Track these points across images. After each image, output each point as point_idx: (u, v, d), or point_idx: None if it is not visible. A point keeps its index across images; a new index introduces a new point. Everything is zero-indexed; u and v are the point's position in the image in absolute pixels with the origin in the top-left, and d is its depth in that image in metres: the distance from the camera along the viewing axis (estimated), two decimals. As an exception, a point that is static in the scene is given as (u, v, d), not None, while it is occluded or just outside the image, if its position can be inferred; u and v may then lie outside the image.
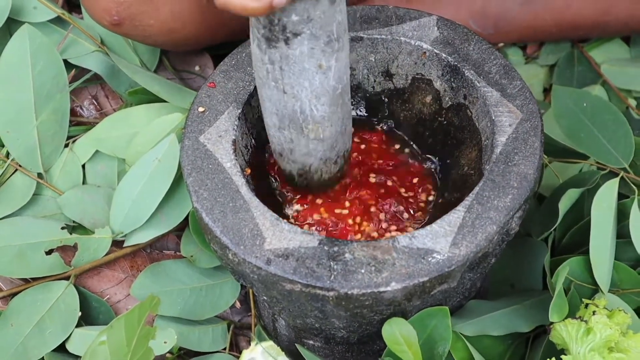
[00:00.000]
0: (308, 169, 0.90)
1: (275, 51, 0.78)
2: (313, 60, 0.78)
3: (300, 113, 0.83)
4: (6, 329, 0.99)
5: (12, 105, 1.08)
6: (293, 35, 0.76)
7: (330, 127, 0.85)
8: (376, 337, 0.85)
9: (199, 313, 1.02)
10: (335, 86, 0.82)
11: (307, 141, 0.86)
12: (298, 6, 0.73)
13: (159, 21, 0.99)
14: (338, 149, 0.89)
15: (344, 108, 0.85)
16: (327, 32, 0.77)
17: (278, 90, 0.82)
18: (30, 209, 1.07)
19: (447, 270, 0.78)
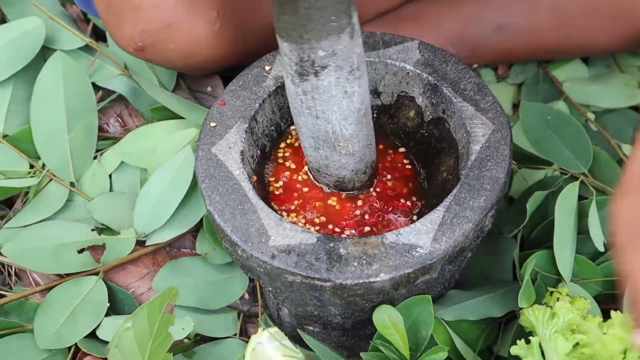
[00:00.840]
0: (342, 179, 0.91)
1: (307, 83, 0.80)
2: (339, 88, 0.80)
3: (332, 133, 0.85)
4: (44, 318, 0.99)
5: (46, 122, 1.09)
6: (321, 69, 0.78)
7: (357, 142, 0.86)
8: (368, 323, 0.85)
9: (212, 303, 1.02)
10: (360, 107, 0.83)
11: (339, 157, 0.88)
12: (324, 43, 0.75)
13: (177, 47, 1.00)
14: (366, 160, 0.89)
15: (367, 125, 0.86)
16: (349, 63, 0.78)
17: (312, 116, 0.84)
18: (64, 214, 1.07)
19: (429, 263, 0.79)
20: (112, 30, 1.01)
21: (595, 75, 1.17)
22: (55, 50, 1.11)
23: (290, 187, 0.94)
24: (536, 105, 1.06)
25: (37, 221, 1.06)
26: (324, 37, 0.75)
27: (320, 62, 0.78)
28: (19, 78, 1.13)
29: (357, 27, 0.78)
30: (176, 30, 0.98)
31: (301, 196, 0.94)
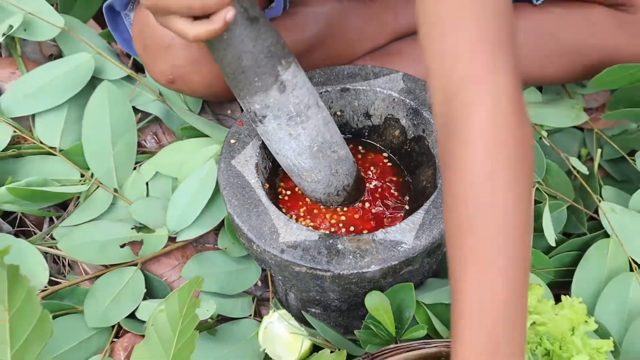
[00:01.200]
0: (320, 200, 0.91)
1: (260, 128, 0.83)
2: (283, 132, 0.82)
3: (293, 166, 0.86)
4: (92, 301, 0.99)
5: (95, 139, 1.08)
6: (262, 117, 0.81)
7: (320, 172, 0.87)
8: (361, 306, 0.85)
9: (231, 289, 1.02)
10: (310, 145, 0.84)
11: (307, 184, 0.89)
12: (256, 99, 0.79)
13: (201, 78, 0.99)
14: (335, 186, 0.89)
15: (327, 159, 0.86)
16: (285, 112, 0.80)
17: (274, 152, 0.86)
18: (108, 215, 1.07)
19: (412, 257, 0.79)
20: (148, 66, 1.01)
21: (548, 100, 1.17)
22: (102, 80, 1.12)
23: (296, 192, 0.94)
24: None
25: (86, 221, 1.06)
26: (253, 93, 0.79)
27: (259, 113, 0.81)
28: (72, 103, 1.13)
29: (289, 83, 0.79)
30: (200, 65, 0.97)
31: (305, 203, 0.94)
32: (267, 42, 0.77)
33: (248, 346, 0.98)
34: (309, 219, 0.92)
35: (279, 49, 0.78)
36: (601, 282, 0.98)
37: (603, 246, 1.00)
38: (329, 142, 0.86)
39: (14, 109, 1.12)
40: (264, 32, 0.76)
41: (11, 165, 1.10)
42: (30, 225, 1.11)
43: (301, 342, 0.92)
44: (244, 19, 0.74)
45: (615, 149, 1.10)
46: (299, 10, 1.05)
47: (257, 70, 0.77)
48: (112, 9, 1.07)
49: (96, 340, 0.99)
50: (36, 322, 0.84)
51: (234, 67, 0.77)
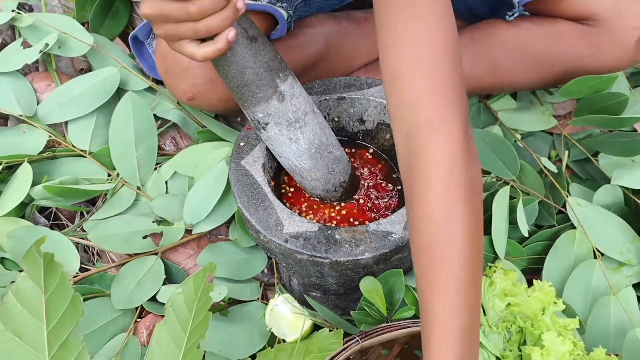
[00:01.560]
0: (319, 196, 0.91)
1: (264, 134, 0.83)
2: (284, 137, 0.83)
3: (294, 167, 0.86)
4: (118, 286, 0.99)
5: (121, 143, 1.09)
6: (265, 125, 0.81)
7: (318, 171, 0.87)
8: (356, 289, 0.85)
9: (241, 275, 1.01)
10: (309, 148, 0.84)
11: (308, 182, 0.89)
12: (258, 108, 0.79)
13: (218, 95, 0.99)
14: (332, 183, 0.89)
15: (324, 159, 0.86)
16: (285, 119, 0.81)
17: (277, 155, 0.86)
18: (132, 210, 1.07)
19: (401, 245, 0.79)
20: (170, 86, 1.02)
21: (521, 107, 1.17)
22: (127, 91, 1.12)
23: (298, 189, 0.94)
24: (478, 130, 1.06)
25: (112, 215, 1.06)
26: (255, 104, 0.79)
27: (262, 121, 0.81)
28: (101, 111, 1.13)
29: (287, 93, 0.80)
30: (216, 83, 0.97)
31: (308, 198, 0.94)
32: (266, 58, 0.77)
33: (256, 326, 0.97)
34: (310, 213, 0.92)
35: (277, 63, 0.79)
36: (568, 268, 0.98)
37: (570, 236, 1.00)
38: (325, 144, 0.86)
39: (50, 116, 1.12)
40: (262, 49, 0.77)
41: (47, 166, 1.10)
42: (64, 218, 1.11)
43: (303, 322, 0.92)
44: (244, 38, 0.75)
45: (581, 151, 1.10)
46: (302, 31, 1.06)
47: (258, 83, 0.78)
48: (136, 39, 1.08)
49: (121, 320, 0.99)
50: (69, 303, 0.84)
51: (238, 81, 0.77)
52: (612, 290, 0.97)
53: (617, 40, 1.00)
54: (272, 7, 0.95)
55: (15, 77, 1.15)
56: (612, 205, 1.04)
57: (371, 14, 1.14)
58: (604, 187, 1.05)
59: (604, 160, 1.08)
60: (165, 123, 1.15)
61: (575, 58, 1.03)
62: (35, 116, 1.12)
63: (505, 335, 0.82)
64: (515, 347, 0.82)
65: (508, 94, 1.18)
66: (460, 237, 0.64)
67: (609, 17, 0.99)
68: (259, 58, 0.77)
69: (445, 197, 0.64)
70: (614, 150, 1.06)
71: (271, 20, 0.97)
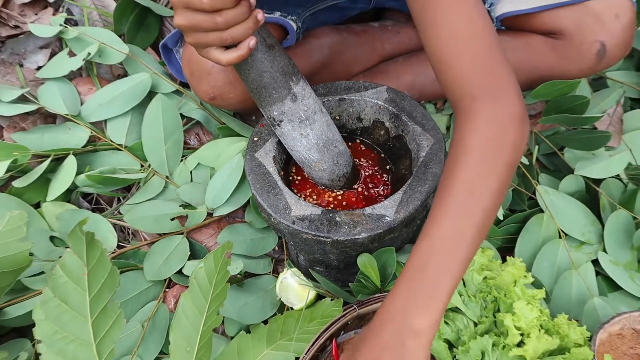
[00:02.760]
0: (325, 185, 0.91)
1: (278, 130, 0.83)
2: (296, 132, 0.82)
3: (304, 159, 0.86)
4: (150, 261, 1.00)
5: (152, 138, 1.09)
6: (280, 122, 0.81)
7: (325, 163, 0.86)
8: (354, 264, 0.85)
9: (255, 252, 1.01)
10: (317, 142, 0.84)
11: (315, 173, 0.88)
12: (274, 107, 0.79)
13: (237, 96, 0.99)
14: (337, 173, 0.89)
15: (330, 152, 0.86)
16: (297, 117, 0.80)
17: (289, 149, 0.86)
18: (161, 196, 1.07)
19: (393, 226, 0.79)
20: (194, 87, 1.01)
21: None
22: (157, 93, 1.12)
23: (304, 178, 0.94)
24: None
25: (145, 200, 1.06)
26: (272, 103, 0.79)
27: (277, 118, 0.81)
28: (135, 110, 1.13)
29: (299, 94, 0.80)
30: (235, 85, 0.97)
31: (312, 186, 0.93)
32: (281, 63, 0.77)
33: (267, 295, 0.97)
34: (314, 198, 0.92)
35: (290, 68, 0.78)
36: (537, 246, 0.98)
37: (539, 219, 1.00)
38: (331, 139, 0.86)
39: (91, 115, 1.12)
40: (278, 56, 0.76)
41: (89, 158, 1.10)
42: (103, 203, 1.12)
43: (308, 292, 0.92)
44: (263, 46, 0.74)
45: (549, 146, 1.10)
46: (308, 41, 1.05)
47: (274, 85, 0.77)
48: (166, 47, 1.09)
49: (152, 290, 0.99)
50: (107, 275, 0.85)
51: (257, 83, 0.77)
52: (574, 265, 0.96)
53: (580, 51, 0.99)
54: (284, 20, 0.95)
55: (62, 82, 1.16)
56: (575, 193, 1.04)
57: (368, 27, 1.15)
58: (569, 177, 1.04)
59: (568, 153, 1.08)
60: (190, 121, 1.15)
61: (545, 67, 1.03)
62: (79, 115, 1.13)
63: (482, 304, 0.82)
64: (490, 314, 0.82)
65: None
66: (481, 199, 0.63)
67: (573, 32, 0.99)
68: (275, 63, 0.76)
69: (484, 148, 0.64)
70: (577, 145, 1.06)
71: (283, 31, 0.97)
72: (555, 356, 0.78)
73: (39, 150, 1.07)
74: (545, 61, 1.02)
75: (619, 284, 0.96)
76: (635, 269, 0.97)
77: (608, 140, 1.03)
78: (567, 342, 0.80)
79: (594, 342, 0.82)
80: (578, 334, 0.80)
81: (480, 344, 0.78)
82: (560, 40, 1.01)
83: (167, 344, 0.91)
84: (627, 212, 1.00)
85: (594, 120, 1.03)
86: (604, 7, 0.96)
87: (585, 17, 0.98)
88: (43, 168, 1.05)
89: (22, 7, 1.25)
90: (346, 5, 1.09)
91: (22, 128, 1.13)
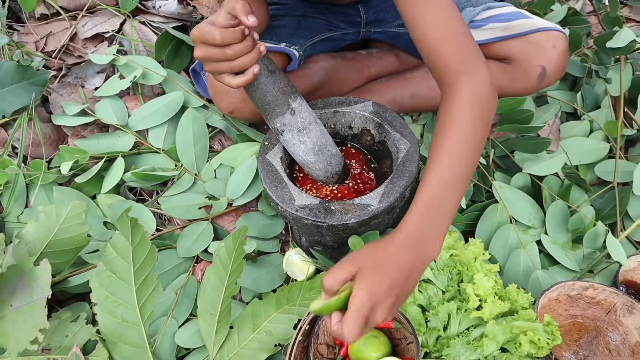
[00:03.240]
0: (321, 180, 0.89)
1: (281, 138, 0.81)
2: (295, 140, 0.81)
3: (303, 160, 0.84)
4: (182, 242, 0.98)
5: (184, 143, 1.07)
6: (282, 132, 0.80)
7: (319, 164, 0.85)
8: (346, 244, 0.84)
9: (265, 235, 1.00)
10: (313, 147, 0.83)
11: (313, 171, 0.87)
12: (277, 120, 0.78)
13: (250, 110, 0.98)
14: (330, 172, 0.87)
15: (324, 155, 0.84)
16: (296, 127, 0.79)
17: (291, 153, 0.84)
18: (191, 189, 1.05)
19: (377, 214, 0.78)
20: (216, 103, 1.00)
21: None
22: (188, 107, 1.10)
23: (305, 175, 0.93)
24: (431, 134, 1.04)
25: (178, 193, 1.05)
26: (274, 117, 0.78)
27: (280, 129, 0.80)
28: (171, 121, 1.11)
29: (296, 109, 0.79)
30: (248, 102, 0.96)
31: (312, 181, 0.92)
32: (281, 85, 0.76)
33: (276, 269, 0.96)
34: (314, 191, 0.90)
35: (289, 88, 0.78)
36: (493, 230, 0.97)
37: (494, 208, 0.98)
38: (324, 144, 0.84)
39: (136, 125, 1.11)
40: (279, 79, 0.76)
41: (134, 159, 1.09)
42: (145, 195, 1.10)
43: (308, 267, 0.91)
44: (266, 71, 0.74)
45: (502, 150, 1.08)
46: (309, 65, 1.04)
47: (276, 102, 0.76)
48: (194, 71, 1.08)
49: (184, 265, 0.98)
50: (148, 252, 0.84)
51: (262, 102, 0.76)
52: (522, 245, 0.95)
53: (526, 73, 0.99)
54: (288, 49, 0.94)
55: (114, 99, 1.14)
56: (523, 187, 1.03)
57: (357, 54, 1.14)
58: (518, 175, 1.03)
59: (518, 156, 1.06)
60: (214, 129, 1.14)
61: (498, 85, 1.02)
62: (127, 125, 1.11)
63: (449, 276, 0.81)
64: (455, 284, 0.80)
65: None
66: (472, 143, 0.65)
67: (520, 58, 0.99)
68: (276, 85, 0.75)
69: (468, 106, 0.66)
70: (524, 149, 1.05)
71: (287, 58, 0.96)
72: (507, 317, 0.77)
73: (95, 153, 1.06)
74: (499, 81, 1.02)
75: (557, 259, 0.95)
76: (569, 248, 0.97)
77: (548, 145, 1.02)
78: (516, 306, 0.79)
79: (537, 305, 0.81)
80: (525, 300, 0.79)
81: (447, 308, 0.77)
82: (510, 65, 1.00)
83: (195, 308, 0.89)
84: (563, 203, 0.99)
85: (538, 129, 1.02)
86: (544, 39, 0.97)
87: (530, 47, 0.98)
88: (98, 167, 1.04)
89: (84, 41, 1.27)
90: (340, 37, 1.08)
91: (82, 136, 1.12)
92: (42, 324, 0.76)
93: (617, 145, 1.09)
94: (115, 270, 0.83)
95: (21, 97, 1.10)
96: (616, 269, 0.92)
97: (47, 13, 1.30)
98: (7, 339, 0.78)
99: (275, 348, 0.84)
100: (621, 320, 0.84)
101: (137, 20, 1.28)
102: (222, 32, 0.63)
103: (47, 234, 0.86)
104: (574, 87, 1.23)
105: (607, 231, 0.94)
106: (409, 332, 0.75)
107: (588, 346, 0.84)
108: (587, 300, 0.86)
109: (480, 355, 0.74)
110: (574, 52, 1.24)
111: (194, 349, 0.89)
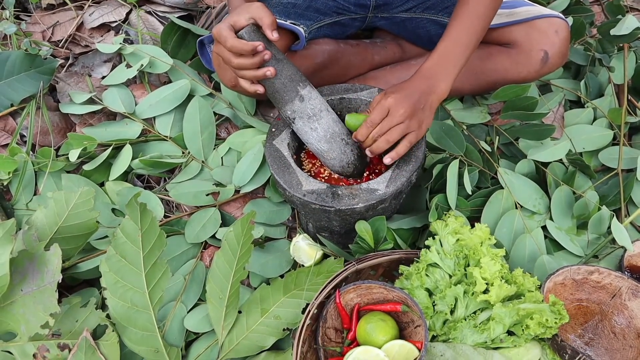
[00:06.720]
0: (337, 171, 0.86)
1: (294, 126, 0.80)
2: (307, 127, 0.80)
3: (317, 149, 0.83)
4: (190, 228, 0.97)
5: (191, 131, 1.06)
6: (293, 119, 0.79)
7: (333, 152, 0.83)
8: (353, 230, 0.83)
9: (273, 221, 0.99)
10: (325, 135, 0.81)
11: (328, 161, 0.85)
12: (287, 107, 0.77)
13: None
14: (344, 162, 0.84)
15: (337, 144, 0.83)
16: (306, 114, 0.78)
17: (305, 142, 0.83)
18: (199, 176, 1.04)
19: (384, 198, 0.77)
20: (220, 76, 0.98)
21: (465, 107, 1.13)
22: (194, 96, 1.09)
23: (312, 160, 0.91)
24: (437, 122, 1.02)
25: (185, 180, 1.03)
26: (284, 105, 0.78)
27: (290, 116, 0.79)
28: (177, 109, 1.10)
29: (305, 96, 0.78)
30: None
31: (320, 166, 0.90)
32: (289, 72, 0.75)
33: (283, 255, 0.95)
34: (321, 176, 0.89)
35: (297, 76, 0.77)
36: (498, 215, 0.95)
37: (500, 194, 0.96)
38: (337, 133, 0.82)
39: (143, 113, 1.09)
40: (286, 67, 0.76)
41: (141, 147, 1.07)
42: (153, 182, 1.09)
43: (316, 253, 0.90)
44: (274, 60, 0.74)
45: (507, 137, 1.07)
46: (312, 46, 1.03)
47: (284, 89, 0.75)
48: (201, 43, 1.06)
49: (192, 251, 0.97)
50: (156, 238, 0.83)
51: (271, 89, 0.76)
52: (527, 230, 0.94)
53: (529, 57, 0.99)
54: (295, 27, 0.93)
55: (121, 87, 1.13)
56: (528, 174, 1.01)
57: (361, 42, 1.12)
58: (522, 161, 1.02)
59: (522, 143, 1.05)
60: (220, 117, 1.12)
61: (502, 69, 1.02)
62: (134, 113, 1.10)
63: (455, 260, 0.80)
64: (462, 268, 0.79)
65: (457, 98, 1.14)
66: (483, 15, 0.83)
67: (524, 43, 0.99)
68: (283, 73, 0.75)
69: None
70: (529, 136, 1.04)
71: (292, 37, 0.94)
72: (513, 300, 0.76)
73: (103, 141, 1.05)
74: (503, 65, 1.02)
75: (562, 244, 0.94)
76: (574, 233, 0.95)
77: (553, 132, 1.01)
78: (522, 290, 0.78)
79: (543, 289, 0.80)
80: (531, 283, 0.78)
81: (454, 292, 0.76)
82: (514, 49, 1.01)
83: (204, 293, 0.88)
84: (568, 188, 0.98)
85: (542, 117, 1.01)
86: (547, 25, 0.98)
87: (533, 32, 0.99)
88: (106, 155, 1.02)
89: (91, 31, 1.26)
90: (346, 22, 1.06)
91: (90, 124, 1.11)
92: (53, 308, 0.76)
93: (621, 133, 1.07)
94: (125, 255, 0.82)
95: (29, 85, 1.08)
96: (621, 254, 0.91)
97: (54, 3, 1.28)
98: (18, 324, 0.77)
99: (284, 332, 0.83)
100: (626, 304, 0.83)
101: (143, 9, 1.26)
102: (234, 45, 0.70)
103: (57, 220, 0.85)
104: (578, 75, 1.21)
105: (612, 215, 0.92)
106: (417, 315, 0.74)
107: (593, 330, 0.83)
108: (592, 285, 0.84)
109: (488, 338, 0.73)
110: (577, 41, 1.22)
111: (203, 333, 0.88)
